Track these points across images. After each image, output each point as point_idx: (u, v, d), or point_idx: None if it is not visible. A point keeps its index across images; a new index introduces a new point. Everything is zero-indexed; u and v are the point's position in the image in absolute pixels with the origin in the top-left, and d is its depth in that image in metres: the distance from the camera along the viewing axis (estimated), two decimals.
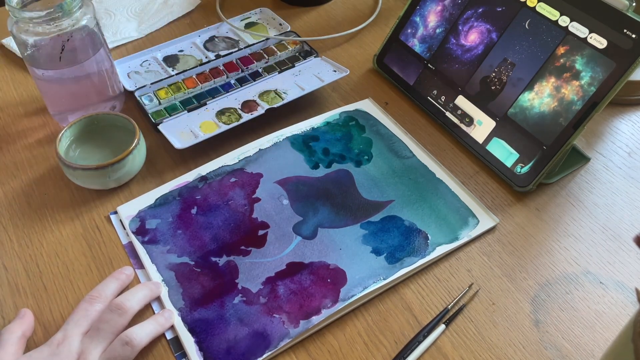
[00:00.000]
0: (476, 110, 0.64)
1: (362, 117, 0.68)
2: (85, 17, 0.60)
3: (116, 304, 0.48)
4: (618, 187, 0.60)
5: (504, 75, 0.62)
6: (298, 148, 0.64)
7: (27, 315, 0.49)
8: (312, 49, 0.75)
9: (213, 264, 0.54)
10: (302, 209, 0.58)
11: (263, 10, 0.83)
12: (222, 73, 0.72)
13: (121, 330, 0.47)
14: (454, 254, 0.55)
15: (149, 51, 0.75)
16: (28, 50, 0.60)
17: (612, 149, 0.64)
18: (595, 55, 0.55)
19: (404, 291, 0.53)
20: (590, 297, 0.52)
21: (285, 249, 0.55)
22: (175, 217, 0.58)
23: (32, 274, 0.54)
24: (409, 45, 0.71)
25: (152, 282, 0.52)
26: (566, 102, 0.57)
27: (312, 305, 0.50)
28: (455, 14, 0.67)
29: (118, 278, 0.52)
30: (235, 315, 0.50)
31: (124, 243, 0.56)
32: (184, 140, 0.62)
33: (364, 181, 0.61)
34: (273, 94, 0.68)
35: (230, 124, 0.64)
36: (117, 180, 0.60)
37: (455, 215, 0.57)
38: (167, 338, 0.49)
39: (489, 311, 0.51)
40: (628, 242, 0.56)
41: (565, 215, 0.58)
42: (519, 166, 0.60)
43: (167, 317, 0.49)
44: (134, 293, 0.50)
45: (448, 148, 0.65)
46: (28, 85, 0.73)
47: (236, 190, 0.60)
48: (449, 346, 0.49)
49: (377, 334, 0.50)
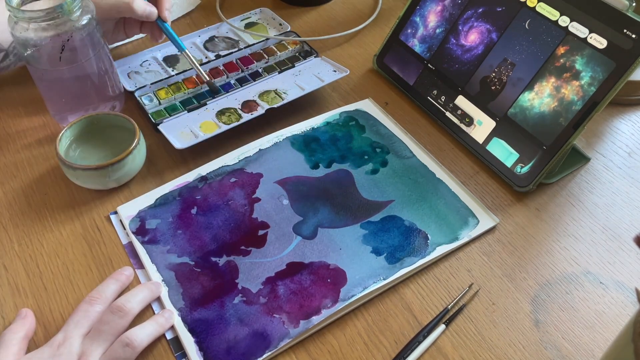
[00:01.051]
0: (476, 110, 0.64)
1: (362, 117, 0.68)
2: (85, 17, 0.60)
3: (117, 305, 0.48)
4: (618, 187, 0.60)
5: (504, 75, 0.62)
6: (298, 148, 0.64)
7: (29, 315, 0.49)
8: (312, 49, 0.75)
9: (213, 264, 0.54)
10: (302, 209, 0.58)
11: (263, 10, 0.83)
12: (222, 73, 0.72)
13: (122, 332, 0.47)
14: (454, 254, 0.55)
15: (148, 51, 0.75)
16: (28, 50, 0.60)
17: (612, 149, 0.64)
18: (595, 55, 0.55)
19: (404, 291, 0.53)
20: (590, 297, 0.52)
21: (285, 249, 0.55)
22: (175, 217, 0.58)
23: (32, 274, 0.54)
24: (409, 45, 0.71)
25: (152, 282, 0.52)
26: (566, 102, 0.57)
27: (312, 306, 0.50)
28: (455, 14, 0.67)
29: (118, 279, 0.51)
30: (235, 315, 0.50)
31: (124, 243, 0.56)
32: (184, 141, 0.62)
33: (364, 181, 0.61)
34: (273, 94, 0.68)
35: (230, 124, 0.64)
36: (117, 180, 0.60)
37: (455, 215, 0.57)
38: (167, 338, 0.49)
39: (489, 311, 0.51)
40: (628, 242, 0.56)
41: (565, 215, 0.58)
42: (519, 166, 0.60)
43: (167, 318, 0.49)
44: (134, 294, 0.50)
45: (448, 148, 0.65)
46: (28, 85, 0.73)
47: (236, 190, 0.60)
48: (449, 346, 0.49)
49: (377, 334, 0.50)
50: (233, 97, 0.69)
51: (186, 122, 0.65)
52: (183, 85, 0.70)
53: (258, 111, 0.66)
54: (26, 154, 0.65)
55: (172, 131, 0.63)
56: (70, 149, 0.62)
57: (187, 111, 0.67)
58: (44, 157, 0.65)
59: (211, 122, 0.65)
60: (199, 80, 0.70)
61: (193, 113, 0.67)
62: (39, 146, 0.66)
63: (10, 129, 0.68)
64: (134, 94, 0.68)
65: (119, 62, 0.73)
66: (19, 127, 0.68)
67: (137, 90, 0.69)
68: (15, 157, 0.65)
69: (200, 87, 0.70)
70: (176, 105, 0.68)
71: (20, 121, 0.69)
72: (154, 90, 0.69)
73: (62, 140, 0.60)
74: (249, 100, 0.68)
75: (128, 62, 0.74)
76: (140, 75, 0.72)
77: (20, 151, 0.66)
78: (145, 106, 0.67)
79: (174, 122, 0.65)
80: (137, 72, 0.73)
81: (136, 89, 0.69)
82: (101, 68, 0.64)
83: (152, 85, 0.69)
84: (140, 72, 0.73)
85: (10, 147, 0.66)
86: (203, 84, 0.70)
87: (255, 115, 0.65)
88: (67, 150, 0.61)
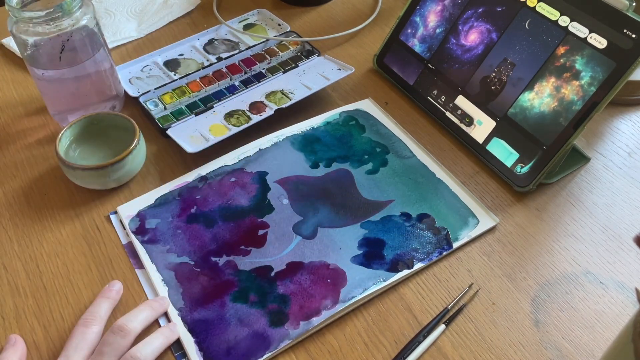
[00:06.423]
0: (476, 110, 0.64)
1: (362, 117, 0.68)
2: (85, 17, 0.60)
3: (119, 325, 0.47)
4: (618, 187, 0.60)
5: (504, 75, 0.62)
6: (298, 148, 0.64)
7: (19, 341, 0.48)
8: (313, 48, 0.75)
9: (213, 263, 0.54)
10: (302, 208, 0.58)
11: (261, 11, 0.83)
12: (226, 75, 0.72)
13: (124, 352, 0.46)
14: (454, 254, 0.55)
15: (148, 56, 0.75)
16: (28, 50, 0.60)
17: (612, 149, 0.64)
18: (595, 55, 0.55)
19: (404, 291, 0.53)
20: (590, 297, 0.52)
21: (285, 248, 0.55)
22: (175, 216, 0.58)
23: (32, 274, 0.54)
24: (409, 45, 0.71)
25: (155, 300, 0.51)
26: (566, 102, 0.57)
27: (312, 306, 0.50)
28: (455, 14, 0.67)
29: (109, 297, 0.50)
30: (235, 315, 0.50)
31: (123, 243, 0.56)
32: (195, 144, 0.61)
33: (364, 181, 0.61)
34: (280, 95, 0.68)
35: (240, 126, 0.64)
36: (117, 180, 0.60)
37: (455, 215, 0.57)
38: None
39: (489, 311, 0.51)
40: (628, 242, 0.56)
41: (565, 215, 0.58)
42: (519, 166, 0.60)
43: (172, 330, 0.49)
44: (136, 314, 0.48)
45: (448, 148, 0.65)
46: (28, 85, 0.73)
47: (236, 190, 0.60)
48: (449, 346, 0.49)
49: (377, 334, 0.50)
50: (239, 99, 0.69)
51: (195, 125, 0.65)
52: (187, 88, 0.70)
53: (267, 112, 0.66)
54: (26, 154, 0.65)
55: (181, 135, 0.63)
56: (70, 149, 0.62)
57: (194, 115, 0.67)
58: (44, 157, 0.65)
59: (220, 124, 0.65)
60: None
61: (201, 116, 0.66)
62: (39, 146, 0.66)
63: (10, 129, 0.68)
64: (139, 99, 0.68)
65: (119, 67, 0.72)
66: (19, 127, 0.68)
67: (142, 95, 0.68)
68: (15, 157, 0.65)
69: (205, 90, 0.70)
70: (182, 109, 0.68)
71: (20, 121, 0.69)
72: (158, 95, 0.69)
73: (62, 140, 0.60)
74: (256, 101, 0.68)
75: (128, 67, 0.73)
76: (142, 81, 0.72)
77: (20, 151, 0.66)
78: (152, 111, 0.67)
79: (182, 126, 0.65)
80: (138, 78, 0.72)
81: (140, 94, 0.68)
82: (101, 68, 0.64)
83: (155, 90, 0.69)
84: (141, 78, 0.72)
85: (10, 147, 0.66)
86: (209, 86, 0.69)
87: (264, 116, 0.65)
88: (67, 150, 0.61)
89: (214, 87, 0.70)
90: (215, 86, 0.70)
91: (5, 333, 0.50)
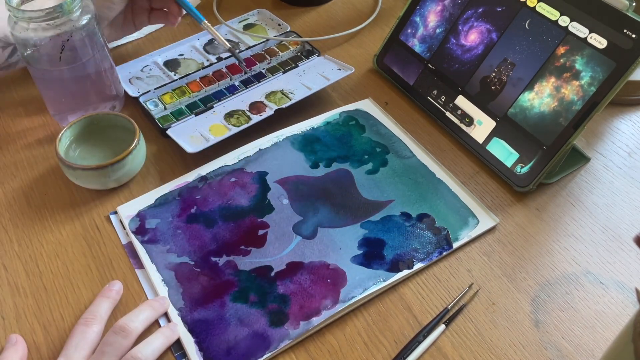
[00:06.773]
0: (476, 110, 0.64)
1: (362, 117, 0.68)
2: (85, 17, 0.60)
3: (120, 325, 0.47)
4: (618, 187, 0.60)
5: (504, 75, 0.62)
6: (298, 148, 0.64)
7: (19, 341, 0.48)
8: (314, 48, 0.75)
9: (213, 264, 0.54)
10: (302, 208, 0.58)
11: (261, 12, 0.83)
12: (226, 75, 0.72)
13: (125, 352, 0.46)
14: (454, 254, 0.55)
15: (148, 56, 0.75)
16: (28, 50, 0.60)
17: (612, 149, 0.64)
18: (595, 55, 0.55)
19: (404, 291, 0.53)
20: (590, 297, 0.52)
21: (285, 248, 0.55)
22: (175, 217, 0.58)
23: (32, 274, 0.54)
24: (409, 45, 0.71)
25: (155, 300, 0.51)
26: (566, 102, 0.57)
27: (312, 306, 0.50)
28: (455, 14, 0.67)
29: (109, 296, 0.50)
30: (235, 315, 0.50)
31: (123, 243, 0.56)
32: (195, 145, 0.61)
33: (364, 181, 0.61)
34: (280, 95, 0.68)
35: (240, 126, 0.64)
36: (117, 180, 0.60)
37: (455, 215, 0.57)
38: None
39: (489, 311, 0.51)
40: (628, 242, 0.56)
41: (565, 215, 0.58)
42: (519, 166, 0.60)
43: (173, 330, 0.49)
44: (137, 314, 0.48)
45: (448, 148, 0.65)
46: (28, 85, 0.73)
47: (236, 190, 0.60)
48: (449, 346, 0.49)
49: (377, 334, 0.50)
50: (239, 99, 0.69)
51: (195, 125, 0.65)
52: (187, 89, 0.70)
53: (267, 112, 0.66)
54: (26, 154, 0.65)
55: (181, 135, 0.63)
56: (70, 149, 0.62)
57: (194, 115, 0.67)
58: (44, 157, 0.65)
59: (220, 124, 0.65)
60: (237, 68, 0.72)
61: (201, 116, 0.66)
62: (39, 146, 0.66)
63: (10, 129, 0.68)
64: (139, 99, 0.68)
65: (119, 67, 0.72)
66: (19, 127, 0.68)
67: (141, 95, 0.68)
68: (15, 157, 0.65)
69: (205, 90, 0.70)
70: (182, 109, 0.68)
71: (20, 121, 0.69)
72: (158, 95, 0.69)
73: (62, 140, 0.60)
74: (256, 101, 0.68)
75: (128, 67, 0.73)
76: (142, 81, 0.72)
77: (20, 151, 0.66)
78: (152, 111, 0.67)
79: (182, 126, 0.65)
80: (138, 78, 0.72)
81: (140, 94, 0.68)
82: (101, 68, 0.64)
83: (155, 90, 0.69)
84: (141, 78, 0.72)
85: (10, 147, 0.66)
86: (209, 86, 0.70)
87: (264, 116, 0.65)
88: (67, 150, 0.61)
89: (214, 87, 0.70)
90: (215, 86, 0.70)
91: (6, 333, 0.50)
